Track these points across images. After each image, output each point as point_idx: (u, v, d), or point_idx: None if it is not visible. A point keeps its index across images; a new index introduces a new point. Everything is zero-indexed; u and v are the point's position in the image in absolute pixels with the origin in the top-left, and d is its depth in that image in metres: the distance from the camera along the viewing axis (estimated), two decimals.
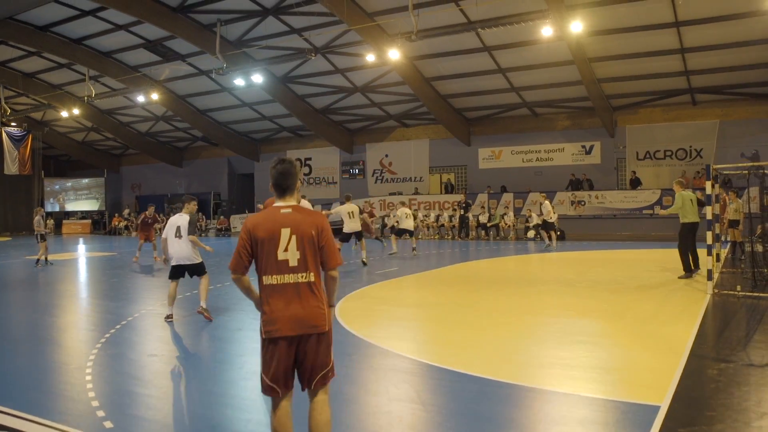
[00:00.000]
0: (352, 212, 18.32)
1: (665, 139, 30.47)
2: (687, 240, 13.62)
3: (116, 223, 42.26)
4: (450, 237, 30.12)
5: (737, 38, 24.07)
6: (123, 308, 11.55)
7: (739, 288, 11.19)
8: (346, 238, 18.13)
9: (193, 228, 10.05)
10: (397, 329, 9.32)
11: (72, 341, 9.17)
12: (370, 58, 26.27)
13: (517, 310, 10.51)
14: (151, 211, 21.62)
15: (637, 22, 24.08)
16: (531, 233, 27.96)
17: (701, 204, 14.10)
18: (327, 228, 4.44)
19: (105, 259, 21.39)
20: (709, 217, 11.35)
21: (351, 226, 18.17)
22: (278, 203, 4.44)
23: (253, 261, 4.33)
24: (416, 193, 35.09)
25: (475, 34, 25.06)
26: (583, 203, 30.11)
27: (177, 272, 10.21)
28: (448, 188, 34.70)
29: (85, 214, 47.03)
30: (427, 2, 24.05)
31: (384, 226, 31.65)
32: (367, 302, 11.56)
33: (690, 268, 13.56)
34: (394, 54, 25.00)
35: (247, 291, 4.40)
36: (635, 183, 29.84)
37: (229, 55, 28.21)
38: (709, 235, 11.37)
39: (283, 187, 4.45)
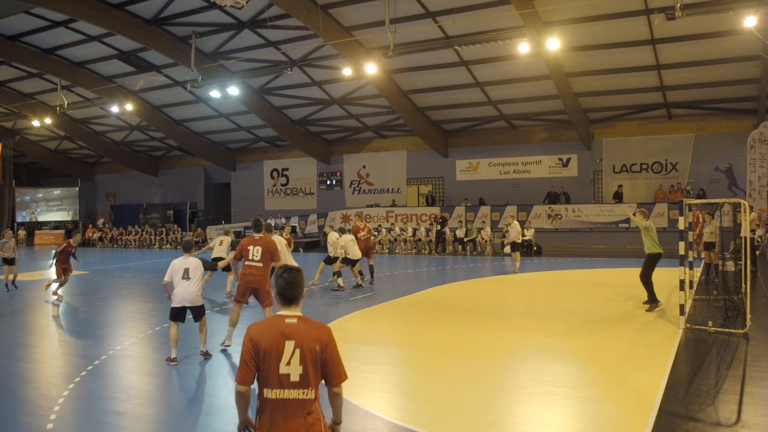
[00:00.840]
0: (352, 240, 17.97)
1: (641, 153, 30.59)
2: (650, 270, 13.58)
3: (90, 234, 41.65)
4: (427, 252, 29.96)
5: (711, 56, 24.22)
6: (93, 347, 11.26)
7: (710, 324, 11.11)
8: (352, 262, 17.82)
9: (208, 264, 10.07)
10: (365, 375, 9.13)
11: (32, 393, 8.84)
12: (347, 72, 26.12)
13: (489, 350, 10.37)
14: (77, 239, 17.73)
15: (614, 39, 24.14)
16: (507, 248, 27.83)
17: None
18: (332, 342, 4.27)
19: (75, 280, 20.96)
20: (681, 252, 11.26)
21: (355, 252, 17.77)
22: (283, 311, 4.24)
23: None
24: (394, 204, 34.94)
25: (453, 49, 24.91)
26: (560, 217, 30.12)
27: (179, 314, 9.94)
28: (429, 200, 34.57)
29: (58, 224, 46.37)
30: (404, 17, 23.88)
31: None
32: (339, 338, 11.34)
33: (656, 298, 13.42)
34: (371, 68, 24.86)
35: (245, 407, 4.17)
36: (619, 196, 29.83)
37: (205, 68, 27.90)
38: (681, 270, 11.29)
39: (290, 298, 4.26)
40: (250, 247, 10.57)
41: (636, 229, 27.33)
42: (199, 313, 10.04)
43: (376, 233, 30.47)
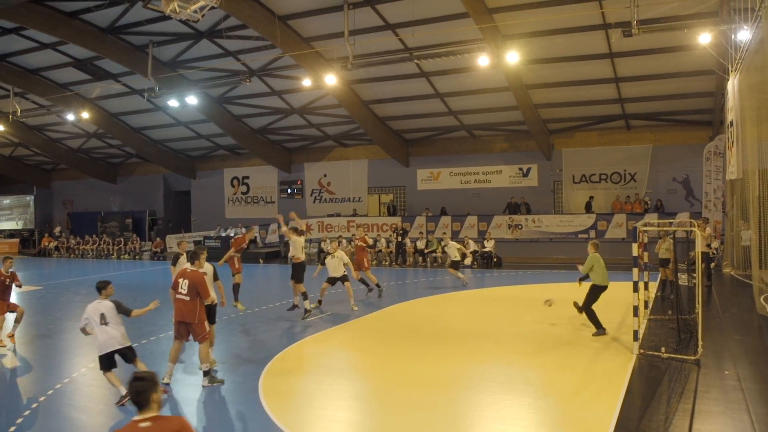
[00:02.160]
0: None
1: (601, 163, 30.85)
2: (592, 301, 13.51)
3: (46, 244, 40.82)
4: (387, 263, 29.85)
5: (668, 70, 24.55)
6: (40, 380, 10.94)
7: (663, 350, 11.15)
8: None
9: (123, 308, 9.62)
10: (316, 412, 9.00)
11: None
12: (307, 83, 25.97)
13: (445, 381, 10.25)
14: (8, 266, 14.00)
15: (573, 52, 24.33)
16: (468, 260, 27.84)
17: None
18: (185, 429, 4.43)
19: (26, 298, 20.46)
20: (635, 278, 11.28)
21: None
22: (137, 417, 4.34)
23: None
24: (355, 214, 34.79)
25: (413, 61, 24.86)
26: (520, 227, 30.23)
27: (109, 362, 9.47)
28: (390, 210, 34.45)
29: (13, 233, 45.42)
30: (364, 29, 23.79)
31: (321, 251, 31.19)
32: (292, 369, 11.22)
33: (600, 325, 13.33)
34: (331, 79, 24.79)
35: None
36: (589, 207, 30.21)
37: (163, 77, 27.50)
38: (634, 296, 11.31)
39: (141, 404, 4.36)
40: (180, 280, 10.29)
41: (595, 240, 27.63)
42: (127, 355, 9.58)
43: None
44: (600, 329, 13.26)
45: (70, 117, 32.41)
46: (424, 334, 14.02)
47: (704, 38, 19.41)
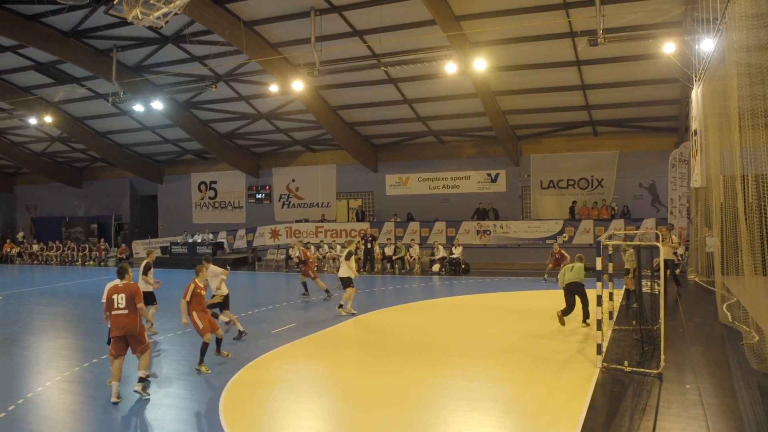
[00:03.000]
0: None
1: (568, 169, 31.00)
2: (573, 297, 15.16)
3: (8, 250, 40.06)
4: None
5: (634, 77, 24.79)
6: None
7: (626, 363, 11.17)
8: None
9: None
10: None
11: None
12: (274, 88, 25.76)
13: (408, 399, 10.13)
14: None
15: (540, 59, 24.44)
16: (436, 267, 27.84)
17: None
18: None
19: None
20: (598, 292, 11.28)
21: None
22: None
23: None
24: (323, 219, 34.65)
25: (381, 67, 24.76)
26: (488, 233, 30.28)
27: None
28: (359, 215, 34.31)
29: None
30: (331, 35, 23.75)
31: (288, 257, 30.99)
32: (255, 385, 11.06)
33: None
34: (298, 85, 24.71)
35: None
36: (572, 211, 30.36)
37: (128, 82, 27.16)
38: (598, 309, 11.31)
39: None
40: (114, 296, 10.28)
41: (563, 245, 27.85)
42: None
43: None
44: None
45: (33, 121, 31.95)
46: (389, 347, 13.93)
47: (669, 47, 19.65)
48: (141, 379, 10.36)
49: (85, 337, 15.48)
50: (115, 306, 10.20)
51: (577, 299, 15.27)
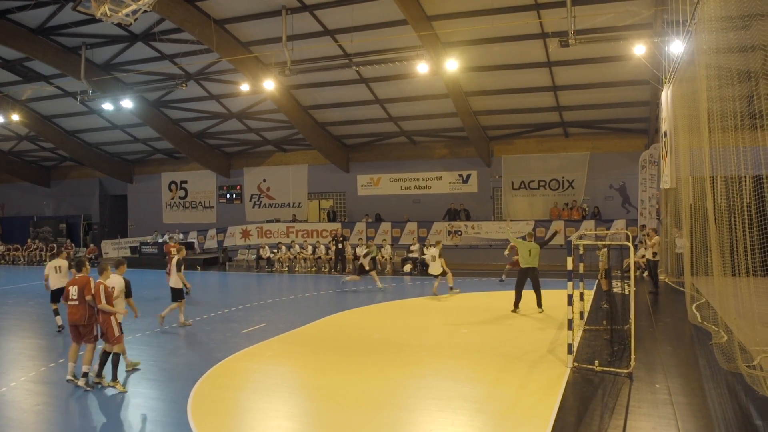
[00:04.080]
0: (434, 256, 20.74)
1: (539, 170, 31.15)
2: (521, 281, 17.16)
3: None
4: (327, 270, 29.54)
5: (605, 79, 24.95)
6: None
7: (597, 363, 11.19)
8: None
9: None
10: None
11: None
12: (245, 87, 25.61)
13: (377, 398, 10.05)
14: None
15: (512, 60, 24.54)
16: (408, 267, 27.80)
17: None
18: None
19: None
20: (569, 291, 11.29)
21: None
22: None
23: None
24: (294, 220, 34.48)
25: (352, 67, 24.66)
26: (459, 233, 30.31)
27: None
28: (330, 216, 34.20)
29: None
30: (303, 35, 23.67)
31: (259, 257, 30.77)
32: (224, 385, 10.91)
33: (517, 305, 16.99)
34: (269, 84, 24.56)
35: None
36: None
37: (97, 80, 26.81)
38: (569, 309, 11.32)
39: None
40: (70, 288, 10.94)
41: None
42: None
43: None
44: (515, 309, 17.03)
45: (0, 119, 31.35)
46: (361, 346, 13.84)
47: (639, 49, 19.80)
48: (84, 374, 10.71)
49: (50, 338, 15.18)
50: (69, 297, 10.81)
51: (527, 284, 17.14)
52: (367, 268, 22.53)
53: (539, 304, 17.15)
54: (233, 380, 11.25)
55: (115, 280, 11.32)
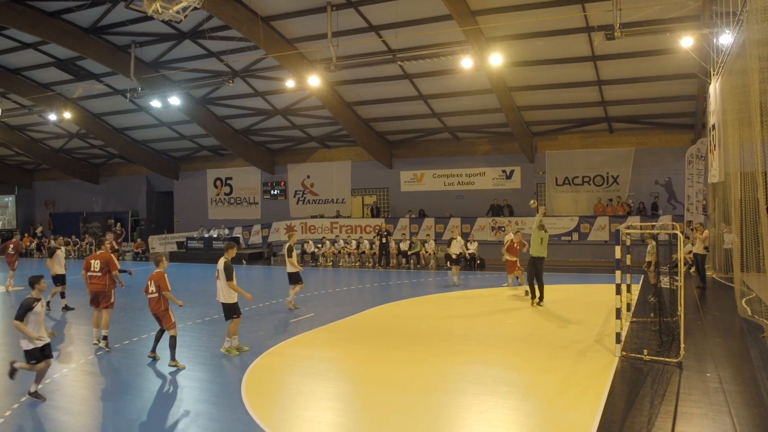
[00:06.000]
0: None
1: (583, 166, 30.95)
2: (531, 271, 17.21)
3: (27, 244, 40.34)
4: (370, 265, 29.74)
5: (650, 73, 24.70)
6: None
7: (646, 352, 11.17)
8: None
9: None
10: (299, 413, 8.91)
11: None
12: (290, 84, 25.91)
13: (428, 382, 10.19)
14: None
15: (556, 55, 24.40)
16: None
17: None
18: None
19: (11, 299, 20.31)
20: (617, 280, 11.29)
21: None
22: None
23: None
24: (338, 215, 34.73)
25: (396, 62, 24.76)
26: (503, 229, 30.20)
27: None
28: (374, 211, 34.43)
29: None
30: (347, 31, 23.81)
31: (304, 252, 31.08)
32: (275, 369, 11.14)
33: (534, 295, 17.07)
34: (314, 81, 24.72)
35: None
36: (655, 207, 29.65)
37: (146, 77, 27.35)
38: (617, 298, 11.32)
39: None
40: (92, 261, 13.19)
41: (579, 242, 27.89)
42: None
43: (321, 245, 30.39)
44: (533, 298, 17.15)
45: (52, 117, 32.17)
46: (407, 336, 13.97)
47: (686, 42, 19.54)
48: (104, 337, 12.84)
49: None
50: (91, 269, 13.06)
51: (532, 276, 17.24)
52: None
53: (541, 298, 17.22)
54: (284, 365, 11.47)
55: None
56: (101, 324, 12.95)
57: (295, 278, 17.26)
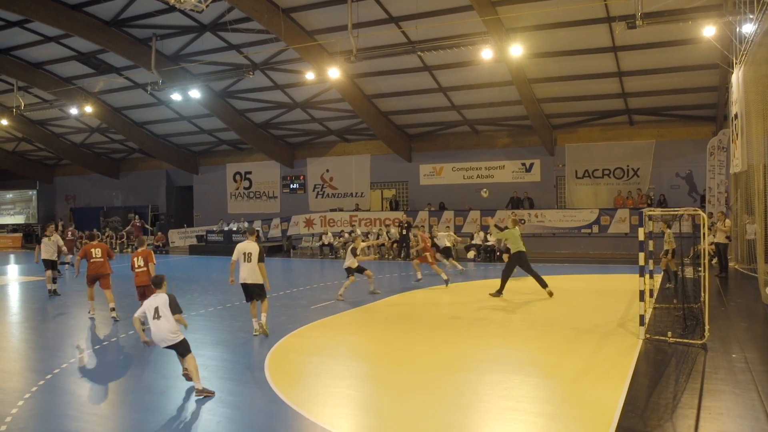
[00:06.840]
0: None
1: (603, 158, 30.80)
2: (511, 268, 17.41)
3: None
4: (390, 257, 29.78)
5: (672, 64, 24.53)
6: (47, 360, 10.95)
7: (670, 334, 11.14)
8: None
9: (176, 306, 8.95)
10: (324, 390, 8.98)
11: None
12: (310, 76, 26.00)
13: (451, 362, 10.26)
14: None
15: (576, 46, 24.30)
16: (471, 254, 27.90)
17: None
18: None
19: (28, 287, 20.52)
20: (641, 263, 11.26)
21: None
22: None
23: None
24: (357, 209, 34.79)
25: (416, 54, 24.74)
26: (523, 222, 30.14)
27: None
28: (393, 205, 34.47)
29: (16, 227, 45.49)
30: (367, 22, 23.84)
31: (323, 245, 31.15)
32: (298, 350, 11.21)
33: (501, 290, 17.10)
34: (334, 72, 24.76)
35: None
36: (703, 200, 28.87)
37: (166, 70, 27.54)
38: (640, 281, 11.30)
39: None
40: (92, 249, 14.86)
41: (600, 235, 27.79)
42: (180, 348, 8.94)
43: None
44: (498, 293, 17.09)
45: (74, 111, 32.47)
46: (430, 321, 14.04)
47: (709, 31, 19.38)
48: (113, 309, 14.46)
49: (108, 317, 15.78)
50: (93, 256, 14.69)
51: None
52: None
53: (544, 284, 17.05)
54: (307, 347, 11.55)
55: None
56: (107, 298, 14.63)
57: (355, 270, 17.47)
